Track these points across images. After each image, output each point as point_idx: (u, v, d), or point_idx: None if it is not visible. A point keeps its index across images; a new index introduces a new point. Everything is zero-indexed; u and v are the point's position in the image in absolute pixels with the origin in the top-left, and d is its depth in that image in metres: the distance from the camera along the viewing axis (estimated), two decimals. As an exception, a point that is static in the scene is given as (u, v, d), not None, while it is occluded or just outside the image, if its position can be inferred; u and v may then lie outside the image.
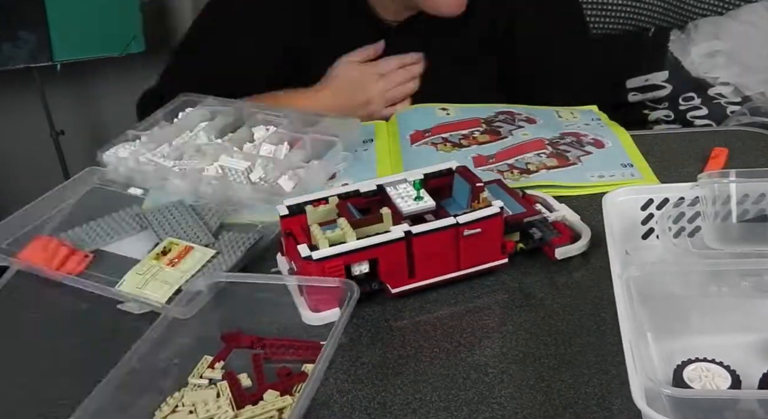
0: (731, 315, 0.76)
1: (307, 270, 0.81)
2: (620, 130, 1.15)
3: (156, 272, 0.88)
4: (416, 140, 1.14)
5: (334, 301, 0.81)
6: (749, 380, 0.68)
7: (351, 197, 0.90)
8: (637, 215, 0.86)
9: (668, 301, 0.75)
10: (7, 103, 2.42)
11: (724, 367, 0.67)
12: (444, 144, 1.12)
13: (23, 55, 2.08)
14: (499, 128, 1.16)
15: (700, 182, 0.83)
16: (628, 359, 0.63)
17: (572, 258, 0.88)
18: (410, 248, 0.83)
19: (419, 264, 0.84)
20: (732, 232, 0.81)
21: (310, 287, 0.81)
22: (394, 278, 0.84)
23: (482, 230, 0.84)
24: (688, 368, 0.68)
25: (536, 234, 0.89)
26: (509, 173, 1.04)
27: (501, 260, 0.87)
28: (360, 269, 0.83)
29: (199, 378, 0.75)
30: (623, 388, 0.63)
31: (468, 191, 0.88)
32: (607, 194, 0.86)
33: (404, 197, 0.88)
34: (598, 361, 0.74)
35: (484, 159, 1.08)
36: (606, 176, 1.03)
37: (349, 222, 0.83)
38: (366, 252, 0.82)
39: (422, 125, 1.18)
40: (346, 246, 0.81)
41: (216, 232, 0.97)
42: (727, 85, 1.59)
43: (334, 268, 0.81)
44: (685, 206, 0.85)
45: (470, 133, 1.15)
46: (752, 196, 0.81)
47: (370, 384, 0.74)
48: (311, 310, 0.82)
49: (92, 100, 2.53)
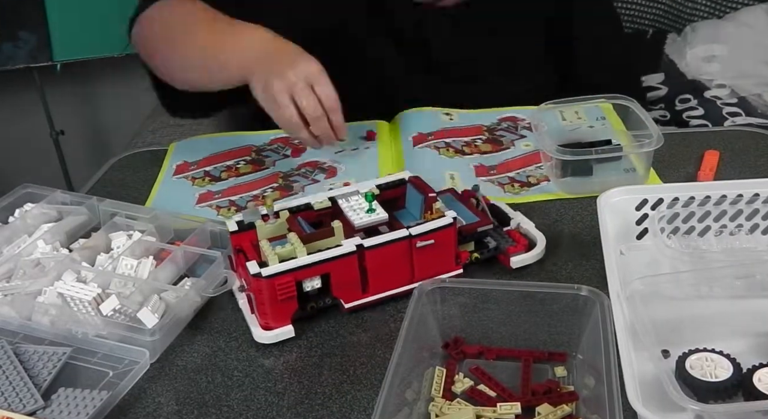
0: (724, 315, 0.76)
1: (257, 287, 0.78)
2: (622, 129, 1.14)
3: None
4: (419, 142, 1.15)
5: (287, 318, 0.80)
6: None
7: (302, 210, 0.87)
8: (631, 215, 0.87)
9: (662, 303, 0.75)
10: (7, 103, 2.42)
11: (725, 356, 0.68)
12: (447, 149, 1.12)
13: (23, 55, 2.08)
14: (502, 137, 1.16)
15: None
16: (624, 362, 0.64)
17: (528, 266, 0.88)
18: (362, 261, 0.81)
19: (372, 278, 0.82)
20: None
21: (260, 305, 0.80)
22: (347, 292, 0.82)
23: (435, 241, 0.83)
24: (691, 357, 0.69)
25: (491, 243, 0.88)
26: (510, 186, 1.04)
27: (456, 271, 0.86)
28: (312, 285, 0.80)
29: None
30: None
31: (421, 201, 0.87)
32: (602, 194, 0.86)
33: (356, 209, 0.86)
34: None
35: (485, 169, 1.08)
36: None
37: (300, 237, 0.81)
38: (317, 267, 0.79)
39: (425, 128, 1.18)
40: (296, 262, 0.78)
41: (49, 388, 0.75)
42: (724, 88, 1.59)
43: (285, 285, 0.78)
44: (680, 207, 0.85)
45: (472, 140, 1.15)
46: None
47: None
48: (262, 328, 0.80)
49: (92, 100, 2.54)
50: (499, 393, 0.72)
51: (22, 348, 0.79)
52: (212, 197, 1.08)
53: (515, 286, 0.77)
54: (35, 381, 0.75)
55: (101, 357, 0.79)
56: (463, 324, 0.77)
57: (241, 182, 1.11)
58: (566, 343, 0.75)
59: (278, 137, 1.22)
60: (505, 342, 0.77)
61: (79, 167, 2.37)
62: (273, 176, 1.12)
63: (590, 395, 0.69)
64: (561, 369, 0.74)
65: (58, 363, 0.77)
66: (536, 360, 0.75)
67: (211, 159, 1.18)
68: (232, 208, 1.05)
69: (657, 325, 0.68)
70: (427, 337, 0.76)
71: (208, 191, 1.10)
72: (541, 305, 0.75)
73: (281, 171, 1.12)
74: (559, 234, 0.94)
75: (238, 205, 1.06)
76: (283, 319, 0.80)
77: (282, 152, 1.18)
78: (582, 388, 0.71)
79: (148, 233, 0.93)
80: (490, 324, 0.77)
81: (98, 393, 0.73)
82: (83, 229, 0.98)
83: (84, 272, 0.86)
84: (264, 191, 1.08)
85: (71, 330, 0.81)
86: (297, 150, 1.18)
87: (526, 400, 0.70)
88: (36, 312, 0.83)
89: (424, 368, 0.74)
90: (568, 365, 0.74)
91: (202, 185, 1.12)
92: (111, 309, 0.80)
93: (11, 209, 1.00)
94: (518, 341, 0.77)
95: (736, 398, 0.66)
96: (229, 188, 1.10)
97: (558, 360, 0.75)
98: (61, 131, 2.33)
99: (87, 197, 1.02)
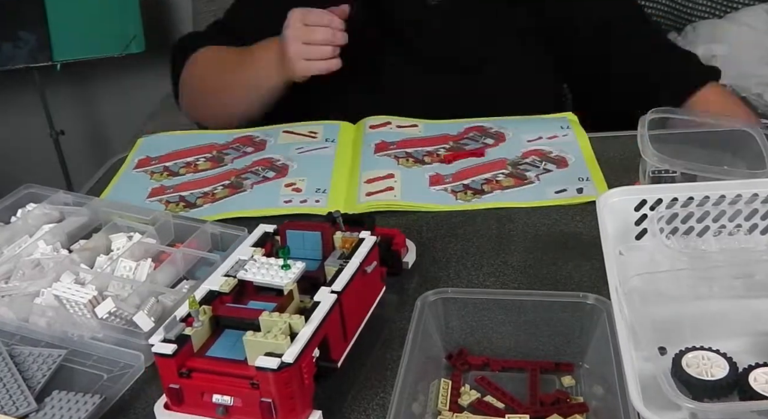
0: (722, 314, 0.76)
1: (278, 381, 0.63)
2: (585, 141, 1.14)
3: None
4: (380, 150, 1.15)
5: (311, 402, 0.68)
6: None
7: (216, 297, 0.72)
8: (630, 215, 0.86)
9: (660, 302, 0.75)
10: (7, 103, 2.43)
11: (721, 355, 0.68)
12: (406, 159, 1.12)
13: (23, 55, 2.08)
14: (465, 145, 1.15)
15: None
16: (625, 361, 0.64)
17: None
18: (342, 308, 0.72)
19: (349, 321, 0.74)
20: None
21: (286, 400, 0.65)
22: (336, 348, 0.72)
23: (371, 263, 0.78)
24: (687, 355, 0.68)
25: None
26: (462, 194, 1.04)
27: (382, 288, 0.82)
28: (314, 355, 0.68)
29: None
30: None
31: (318, 238, 0.78)
32: (601, 195, 0.86)
33: (266, 273, 0.72)
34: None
35: (441, 178, 1.08)
36: (561, 194, 1.03)
37: (275, 312, 0.68)
38: (320, 333, 0.68)
39: (389, 137, 1.18)
40: (304, 333, 0.66)
41: (43, 391, 0.73)
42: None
43: (309, 363, 0.66)
44: (678, 207, 0.85)
45: (435, 150, 1.15)
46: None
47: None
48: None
49: (92, 100, 2.54)
50: (508, 404, 0.71)
51: (18, 349, 0.79)
52: (164, 192, 1.09)
53: (519, 295, 0.77)
54: (29, 384, 0.74)
55: (96, 359, 0.78)
56: (466, 334, 0.76)
57: (195, 179, 1.12)
58: (572, 352, 0.74)
59: (241, 136, 1.23)
60: (510, 352, 0.76)
61: (79, 167, 2.38)
62: (227, 173, 1.12)
63: (600, 405, 0.69)
64: (569, 379, 0.73)
65: (52, 366, 0.77)
66: (543, 370, 0.74)
67: (172, 155, 1.19)
68: (181, 203, 1.06)
69: (655, 323, 0.67)
70: (431, 349, 0.75)
71: (161, 185, 1.11)
72: (546, 314, 0.74)
73: (236, 168, 1.13)
74: (558, 235, 0.94)
75: (188, 201, 1.06)
76: (309, 405, 0.68)
77: (242, 150, 1.19)
78: (591, 398, 0.70)
79: (148, 235, 0.93)
80: (493, 334, 0.76)
81: (92, 396, 0.72)
82: (84, 230, 0.98)
83: (82, 273, 0.86)
84: (215, 188, 1.09)
85: (67, 332, 0.80)
86: (257, 148, 1.19)
87: (534, 410, 0.69)
88: (33, 314, 0.82)
89: (429, 380, 0.73)
90: (575, 374, 0.74)
91: (159, 179, 1.13)
92: (106, 312, 0.79)
93: (14, 209, 1.00)
94: (523, 351, 0.75)
95: (731, 397, 0.66)
96: (182, 183, 1.11)
97: (564, 370, 0.74)
98: (61, 131, 2.33)
99: (89, 197, 1.02)
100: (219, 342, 0.69)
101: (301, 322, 0.66)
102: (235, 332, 0.69)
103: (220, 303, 0.72)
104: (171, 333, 0.67)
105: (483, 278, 0.88)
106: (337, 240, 0.79)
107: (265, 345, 0.64)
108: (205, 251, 0.91)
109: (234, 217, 1.01)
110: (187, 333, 0.67)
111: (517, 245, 0.94)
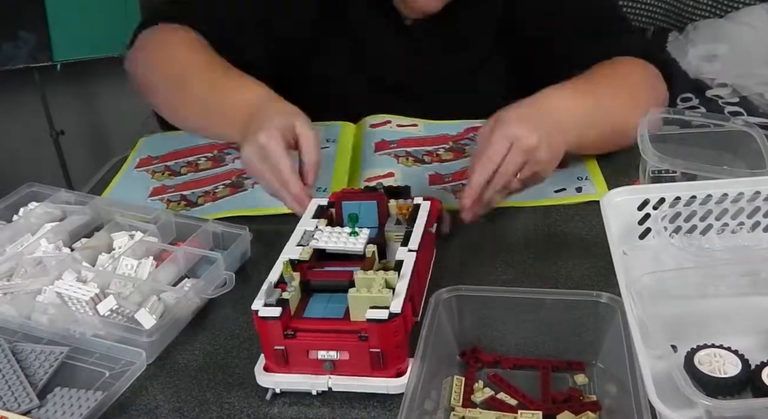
0: (730, 312, 0.76)
1: (386, 331, 0.69)
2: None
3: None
4: (380, 149, 1.15)
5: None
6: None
7: (296, 265, 0.77)
8: (633, 215, 0.86)
9: (669, 301, 0.75)
10: (7, 103, 2.42)
11: (733, 352, 0.68)
12: (406, 158, 1.12)
13: (23, 55, 2.08)
14: (465, 145, 1.16)
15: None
16: (641, 359, 0.64)
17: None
18: (416, 265, 0.77)
19: (420, 278, 0.79)
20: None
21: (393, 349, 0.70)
22: (415, 303, 0.77)
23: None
24: (699, 353, 0.68)
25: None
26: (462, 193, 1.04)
27: (434, 252, 0.89)
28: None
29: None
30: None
31: (375, 206, 0.84)
32: (604, 195, 0.86)
33: (337, 240, 0.79)
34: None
35: (440, 177, 1.08)
36: (561, 193, 1.03)
37: (363, 270, 0.73)
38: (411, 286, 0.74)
39: (390, 136, 1.18)
40: (402, 287, 0.72)
41: (45, 387, 0.74)
42: (725, 87, 1.59)
43: (409, 316, 0.72)
44: (681, 206, 0.85)
45: (435, 150, 1.15)
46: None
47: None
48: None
49: (92, 100, 2.54)
50: (520, 401, 0.71)
51: (20, 346, 0.79)
52: (165, 191, 1.09)
53: (533, 293, 0.77)
54: (31, 380, 0.75)
55: (98, 357, 0.79)
56: (479, 332, 0.77)
57: (197, 178, 1.12)
58: (585, 351, 0.74)
59: None
60: (522, 350, 0.76)
61: (79, 167, 2.37)
62: (228, 173, 1.12)
63: (613, 404, 0.69)
64: (582, 377, 0.73)
65: (54, 363, 0.77)
66: (555, 368, 0.74)
67: (174, 154, 1.19)
68: (182, 202, 1.06)
69: (665, 321, 0.67)
70: (444, 346, 0.75)
71: (162, 184, 1.11)
72: (559, 313, 0.74)
73: (237, 168, 1.13)
74: (557, 235, 0.94)
75: (189, 199, 1.06)
76: (408, 353, 0.72)
77: None
78: (604, 397, 0.70)
79: (150, 234, 0.93)
80: (506, 332, 0.76)
81: (93, 393, 0.73)
82: (86, 228, 0.97)
83: (84, 271, 0.85)
84: (216, 187, 1.09)
85: (69, 329, 0.80)
86: None
87: (546, 408, 0.69)
88: (35, 311, 0.82)
89: (442, 377, 0.73)
90: (588, 373, 0.74)
91: (160, 179, 1.13)
92: (108, 309, 0.79)
93: (16, 208, 0.99)
94: (536, 349, 0.76)
95: (744, 394, 0.66)
96: (183, 183, 1.11)
97: (577, 369, 0.74)
98: (61, 131, 2.33)
99: (91, 196, 1.01)
100: (311, 304, 0.74)
101: (395, 277, 0.72)
102: (322, 295, 0.75)
103: (303, 270, 0.77)
104: (272, 298, 0.72)
105: (483, 276, 0.88)
106: (392, 207, 0.85)
107: (371, 299, 0.69)
108: (206, 250, 0.91)
109: (235, 216, 1.01)
110: (285, 296, 0.72)
111: (516, 244, 0.94)
